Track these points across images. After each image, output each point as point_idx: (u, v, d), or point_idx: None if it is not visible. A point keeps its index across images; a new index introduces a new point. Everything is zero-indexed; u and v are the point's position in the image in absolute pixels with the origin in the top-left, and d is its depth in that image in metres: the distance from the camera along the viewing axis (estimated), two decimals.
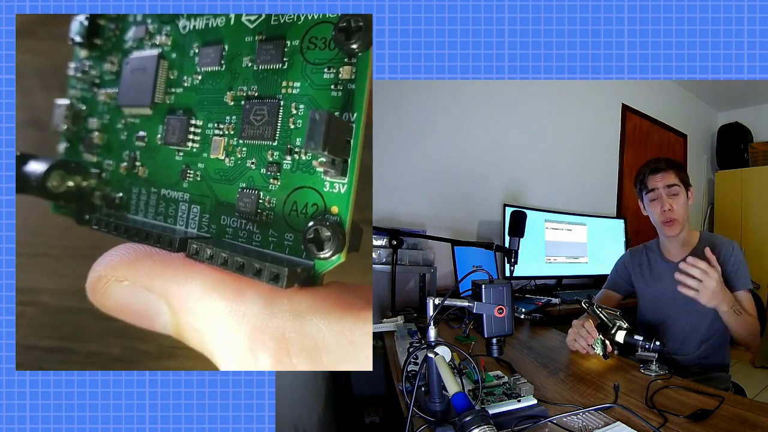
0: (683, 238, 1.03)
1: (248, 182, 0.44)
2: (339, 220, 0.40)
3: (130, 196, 0.52)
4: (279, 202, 0.42)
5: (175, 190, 0.49)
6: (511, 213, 1.04)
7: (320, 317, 0.38)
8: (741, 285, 0.97)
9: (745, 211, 2.47)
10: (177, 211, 0.48)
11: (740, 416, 0.61)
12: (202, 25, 0.48)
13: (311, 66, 0.42)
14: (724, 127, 2.70)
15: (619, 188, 2.38)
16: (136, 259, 0.43)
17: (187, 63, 0.49)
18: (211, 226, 0.46)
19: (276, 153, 0.43)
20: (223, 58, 0.47)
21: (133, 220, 0.49)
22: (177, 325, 0.42)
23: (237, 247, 0.42)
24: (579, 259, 1.92)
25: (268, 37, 0.44)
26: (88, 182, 0.54)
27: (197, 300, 0.40)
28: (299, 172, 0.42)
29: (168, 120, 0.49)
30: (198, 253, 0.41)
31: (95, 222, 0.48)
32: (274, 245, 0.42)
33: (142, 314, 0.42)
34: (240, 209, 0.44)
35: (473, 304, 0.58)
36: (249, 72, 0.45)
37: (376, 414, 1.45)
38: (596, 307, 0.89)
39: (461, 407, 0.44)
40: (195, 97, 0.48)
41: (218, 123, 0.47)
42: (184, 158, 0.48)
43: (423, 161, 1.59)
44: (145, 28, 0.52)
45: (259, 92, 0.44)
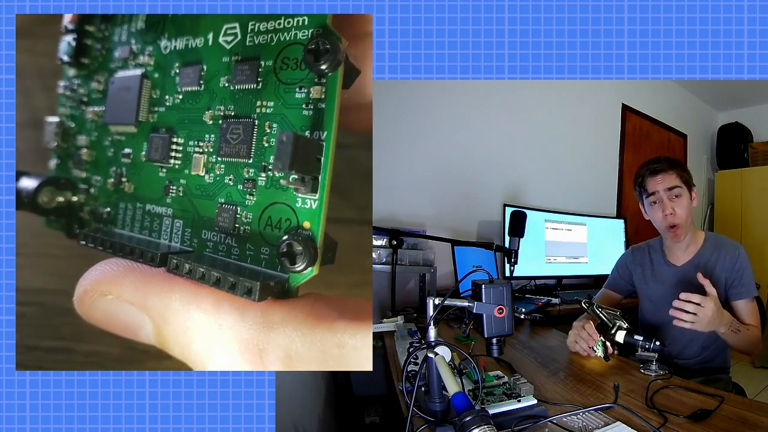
0: (688, 241, 1.00)
1: (226, 198, 0.46)
2: (311, 235, 0.41)
3: (117, 211, 0.54)
4: (255, 217, 0.44)
5: (159, 205, 0.51)
6: (511, 213, 1.04)
7: (292, 328, 0.40)
8: (744, 293, 0.95)
9: (745, 211, 2.47)
10: (161, 225, 0.50)
11: (740, 416, 0.61)
12: (182, 46, 0.50)
13: (284, 86, 0.43)
14: (724, 127, 2.70)
15: (619, 188, 2.38)
16: (120, 274, 0.45)
17: (169, 83, 0.51)
18: (193, 240, 0.48)
19: (251, 170, 0.45)
20: (201, 78, 0.48)
21: (120, 235, 0.51)
22: (159, 336, 0.44)
23: (217, 261, 0.44)
24: (579, 259, 1.92)
25: (244, 58, 0.46)
26: (78, 198, 0.56)
27: (177, 312, 0.42)
28: (273, 188, 0.43)
29: (151, 138, 0.50)
30: (178, 267, 0.43)
31: (83, 237, 0.50)
32: (252, 259, 0.44)
33: (126, 326, 0.44)
34: (219, 224, 0.46)
35: (473, 304, 0.58)
36: (226, 92, 0.47)
37: (376, 414, 1.45)
38: (596, 307, 0.89)
39: (461, 407, 0.45)
40: (176, 115, 0.50)
41: (198, 141, 0.48)
42: (167, 174, 0.50)
43: (423, 161, 1.59)
44: (129, 48, 0.53)
45: (235, 111, 0.46)
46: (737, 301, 0.95)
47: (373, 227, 1.17)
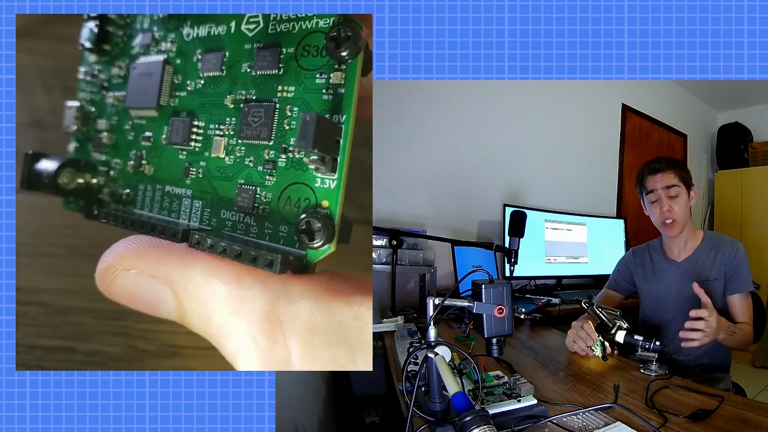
0: (686, 238, 1.02)
1: (246, 179, 0.47)
2: (329, 213, 0.42)
3: (136, 193, 0.55)
4: (274, 197, 0.45)
5: (178, 187, 0.51)
6: (511, 213, 1.04)
7: (312, 301, 0.41)
8: (740, 288, 0.96)
9: (745, 211, 2.47)
10: (180, 206, 0.51)
11: (740, 416, 0.61)
12: (204, 33, 0.51)
13: (304, 72, 0.45)
14: (724, 127, 2.71)
15: (619, 188, 2.38)
16: (143, 249, 0.45)
17: (191, 68, 0.52)
18: (211, 220, 0.49)
19: (272, 152, 0.46)
20: (224, 64, 0.49)
21: (139, 215, 0.52)
22: (181, 311, 0.44)
23: (235, 239, 0.45)
24: (579, 259, 1.93)
25: (266, 45, 0.47)
26: (97, 179, 0.57)
27: (199, 286, 0.43)
28: (293, 169, 0.45)
29: (172, 121, 0.51)
30: (200, 243, 0.44)
31: (104, 216, 0.52)
32: (270, 236, 0.45)
33: (148, 301, 0.45)
34: (238, 204, 0.47)
35: (473, 304, 0.58)
36: (247, 77, 0.48)
37: (376, 414, 1.45)
38: (596, 307, 0.89)
39: (461, 407, 0.45)
40: (197, 100, 0.51)
41: (219, 124, 0.49)
42: (187, 157, 0.51)
43: (423, 161, 1.59)
44: (151, 35, 0.55)
45: (256, 96, 0.47)
46: (732, 296, 0.96)
47: (373, 227, 1.17)
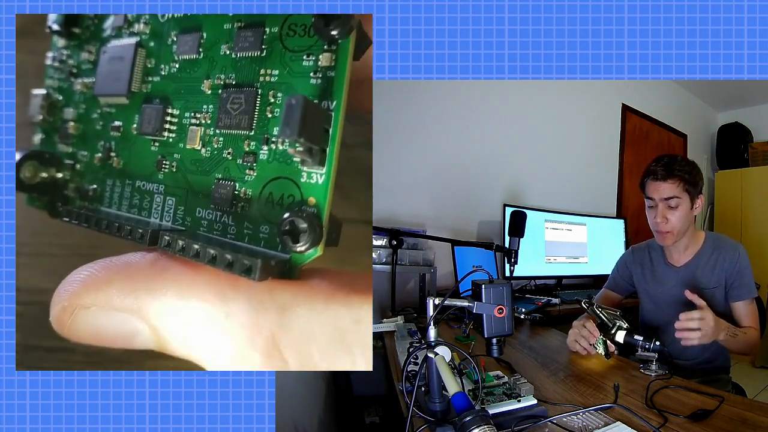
0: (686, 243, 1.00)
1: (224, 173, 0.43)
2: (316, 212, 0.38)
3: (104, 188, 0.50)
4: (255, 193, 0.41)
5: (150, 182, 0.47)
6: (511, 213, 1.04)
7: (305, 308, 0.37)
8: (743, 295, 0.94)
9: (745, 211, 2.47)
10: (152, 203, 0.47)
11: (740, 416, 0.61)
12: (180, 13, 0.47)
13: (290, 53, 0.40)
14: (724, 127, 2.70)
15: (619, 188, 2.38)
16: (102, 279, 0.40)
17: (165, 51, 0.47)
18: (186, 219, 0.45)
19: (252, 143, 0.42)
20: (201, 46, 0.45)
21: (106, 213, 0.48)
22: (158, 340, 0.40)
23: (212, 240, 0.41)
24: (579, 259, 1.92)
25: (247, 24, 0.43)
26: (62, 174, 0.52)
27: (176, 310, 0.39)
28: (276, 162, 0.40)
29: (144, 109, 0.47)
30: (170, 245, 0.40)
31: (66, 214, 0.47)
32: (249, 238, 0.41)
33: (117, 337, 0.40)
34: (215, 200, 0.42)
35: (473, 304, 0.58)
36: (227, 60, 0.44)
37: (376, 414, 1.45)
38: (596, 307, 0.89)
39: (461, 407, 0.45)
40: (172, 85, 0.47)
41: (195, 112, 0.45)
42: (160, 149, 0.47)
43: (423, 161, 1.59)
44: (123, 17, 0.50)
45: (236, 80, 0.43)
46: (736, 303, 0.95)
47: (373, 227, 1.17)
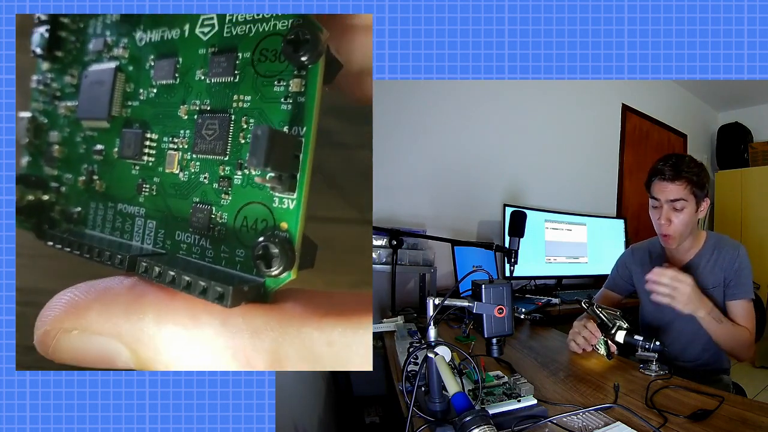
0: (687, 244, 0.99)
1: (201, 197, 0.44)
2: (288, 237, 0.39)
3: (88, 211, 0.52)
4: (230, 217, 0.42)
5: (131, 205, 0.49)
6: (511, 213, 1.04)
7: (278, 332, 0.38)
8: (739, 294, 0.94)
9: (745, 211, 2.47)
10: (133, 226, 0.48)
11: (740, 416, 0.61)
12: (158, 38, 0.48)
13: (262, 78, 0.41)
14: (724, 127, 2.71)
15: (619, 188, 2.38)
16: (82, 304, 0.42)
17: (143, 76, 0.49)
18: (166, 242, 0.46)
19: (227, 168, 0.43)
20: (177, 71, 0.46)
21: (90, 236, 0.49)
22: (138, 361, 0.41)
23: (190, 264, 0.42)
24: (579, 259, 1.93)
25: (221, 50, 0.44)
26: (48, 196, 0.54)
27: (153, 333, 0.40)
28: (249, 187, 0.41)
29: (124, 133, 0.48)
30: (147, 271, 0.41)
31: (50, 238, 0.49)
32: (226, 261, 0.42)
33: (99, 359, 0.41)
34: (193, 224, 0.44)
35: (473, 304, 0.58)
36: (202, 85, 0.45)
37: (376, 414, 1.45)
38: (596, 307, 0.89)
39: (461, 407, 0.45)
40: (150, 110, 0.48)
41: (173, 137, 0.46)
42: (140, 172, 0.48)
43: (423, 161, 1.59)
44: (104, 41, 0.51)
45: (211, 106, 0.44)
46: (731, 302, 0.94)
47: (373, 227, 1.17)
